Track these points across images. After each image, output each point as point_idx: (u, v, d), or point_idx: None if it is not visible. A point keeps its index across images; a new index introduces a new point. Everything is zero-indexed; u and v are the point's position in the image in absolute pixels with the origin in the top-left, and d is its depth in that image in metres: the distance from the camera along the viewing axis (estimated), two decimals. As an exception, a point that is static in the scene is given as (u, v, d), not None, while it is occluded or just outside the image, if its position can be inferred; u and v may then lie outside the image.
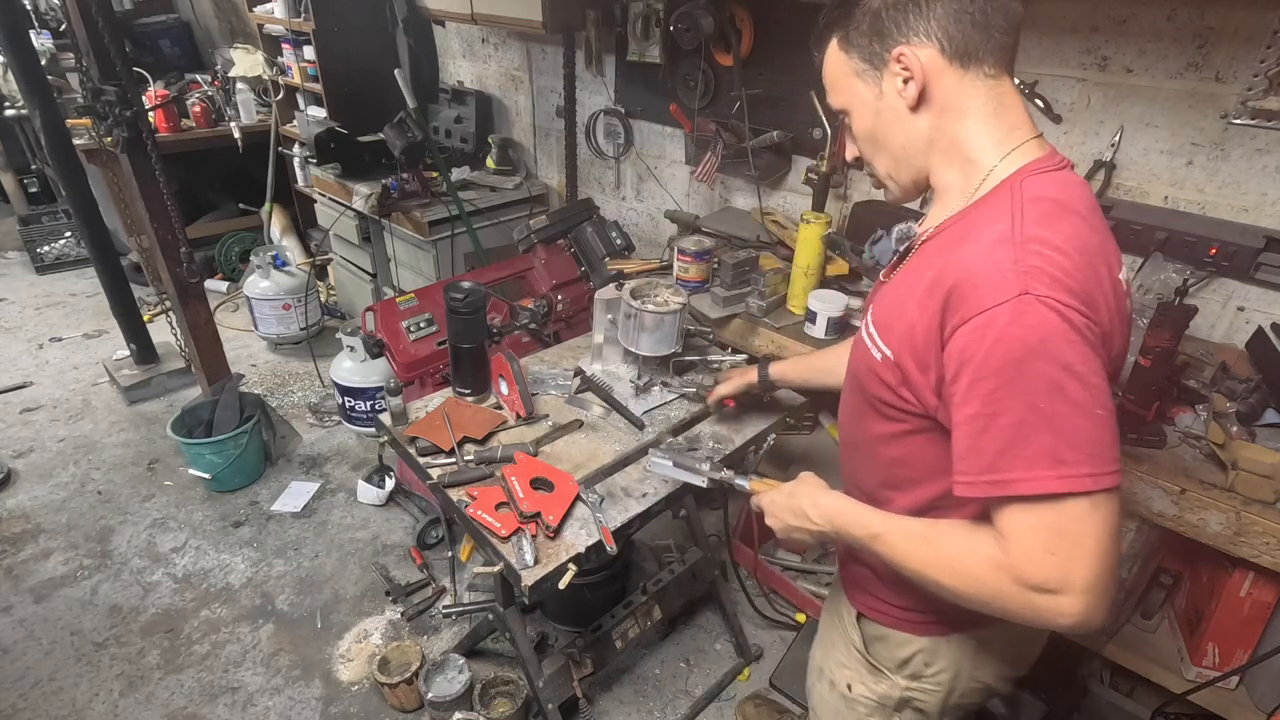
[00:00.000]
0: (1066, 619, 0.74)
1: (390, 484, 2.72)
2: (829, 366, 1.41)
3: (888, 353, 0.89)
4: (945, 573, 0.83)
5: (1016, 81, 0.90)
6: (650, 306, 1.66)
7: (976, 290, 0.75)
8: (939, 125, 0.88)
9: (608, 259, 2.51)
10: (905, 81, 0.87)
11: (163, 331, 3.34)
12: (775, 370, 1.52)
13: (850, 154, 1.01)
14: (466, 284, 1.67)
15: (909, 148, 0.91)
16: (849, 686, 1.16)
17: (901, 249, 0.98)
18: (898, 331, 0.87)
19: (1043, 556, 0.74)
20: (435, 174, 3.16)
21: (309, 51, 3.64)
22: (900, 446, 0.95)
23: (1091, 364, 0.72)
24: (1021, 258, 0.74)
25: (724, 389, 1.60)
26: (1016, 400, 0.73)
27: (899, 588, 1.04)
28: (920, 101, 0.87)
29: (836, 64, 0.93)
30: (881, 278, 1.05)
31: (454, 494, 1.43)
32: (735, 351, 1.88)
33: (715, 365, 1.82)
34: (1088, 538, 0.73)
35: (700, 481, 1.26)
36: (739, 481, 1.20)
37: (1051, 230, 0.77)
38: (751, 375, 1.55)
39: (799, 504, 1.02)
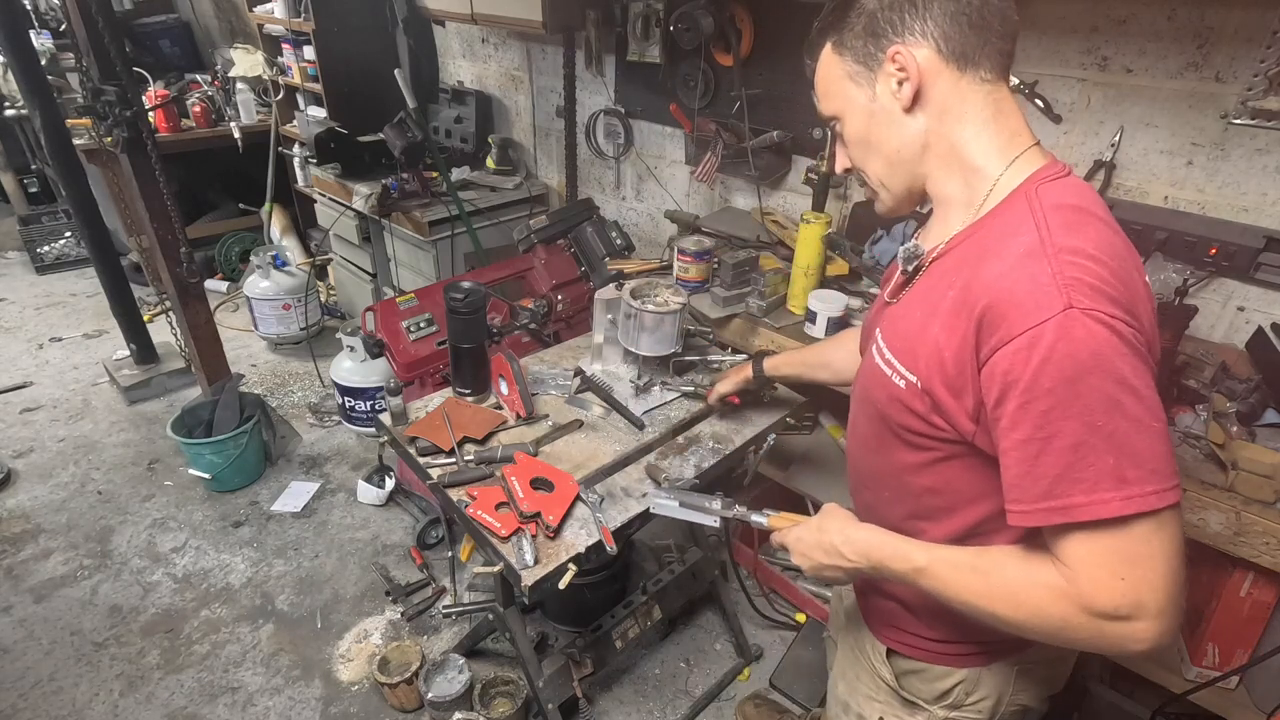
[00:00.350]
0: (1139, 645, 0.72)
1: (390, 484, 2.72)
2: (823, 361, 1.41)
3: (913, 379, 0.85)
4: (1004, 605, 0.79)
5: (1015, 81, 0.90)
6: (650, 306, 1.66)
7: (1017, 308, 0.72)
8: (935, 129, 0.86)
9: (608, 259, 2.51)
10: (900, 83, 0.84)
11: (163, 331, 3.34)
12: (769, 365, 1.52)
13: (841, 165, 0.98)
14: (466, 284, 1.67)
15: (903, 151, 0.88)
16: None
17: (910, 269, 0.93)
18: (923, 356, 0.83)
19: (1112, 583, 0.71)
20: (435, 174, 3.16)
21: (309, 51, 3.64)
22: (932, 475, 0.90)
23: (1144, 376, 0.70)
24: (1059, 270, 0.71)
25: (723, 386, 1.60)
26: (1072, 420, 0.69)
27: (933, 620, 1.00)
28: (915, 103, 0.85)
29: (829, 68, 0.91)
30: (887, 298, 1.00)
31: (454, 494, 1.43)
32: (735, 351, 1.88)
33: (715, 365, 1.82)
34: (1156, 559, 0.71)
35: (711, 521, 1.19)
36: (755, 518, 1.12)
37: (1081, 238, 0.73)
38: (747, 371, 1.55)
39: (829, 540, 0.95)
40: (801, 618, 2.23)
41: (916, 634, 1.03)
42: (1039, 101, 1.84)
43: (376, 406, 2.93)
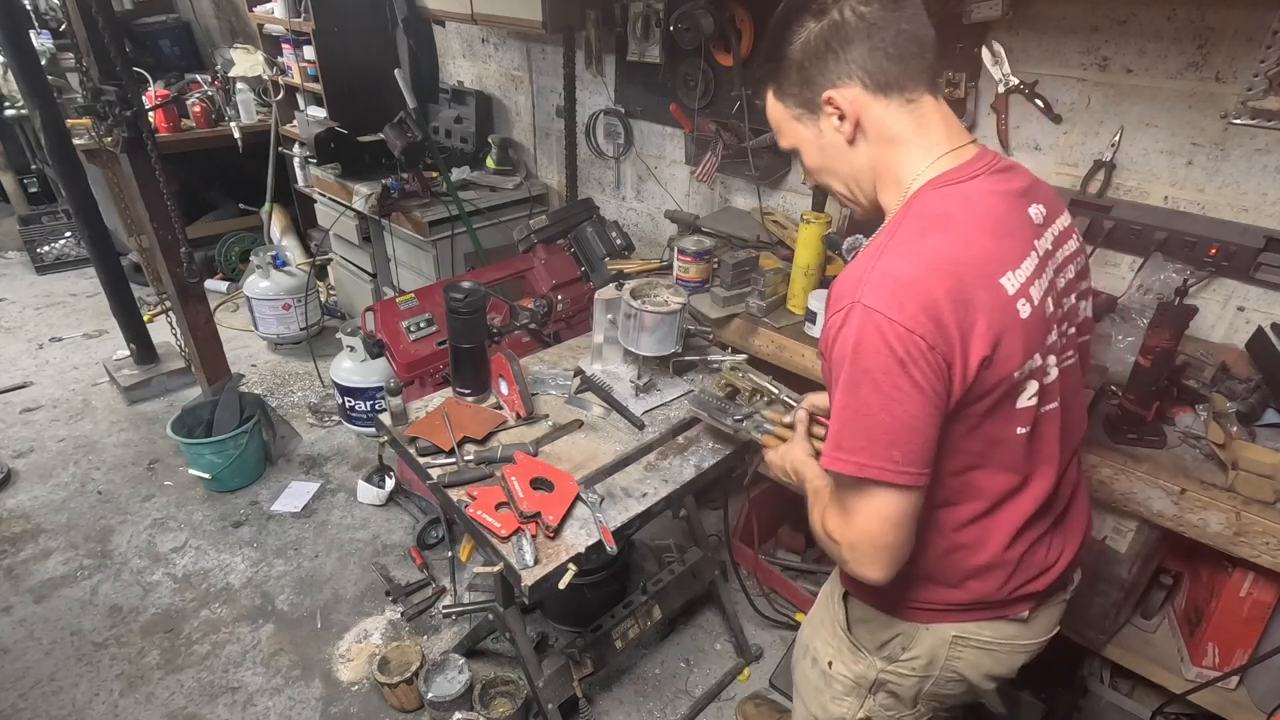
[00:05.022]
0: (855, 571, 0.96)
1: (390, 484, 2.72)
2: None
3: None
4: (815, 512, 1.04)
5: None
6: (650, 306, 1.66)
7: (836, 295, 0.90)
8: (874, 153, 0.98)
9: (608, 259, 2.51)
10: (840, 119, 0.96)
11: (163, 331, 3.34)
12: None
13: (811, 182, 1.12)
14: (466, 284, 1.67)
15: (857, 174, 1.01)
16: (830, 664, 1.24)
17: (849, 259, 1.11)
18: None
19: (838, 519, 0.96)
20: (435, 174, 3.16)
21: (309, 51, 3.63)
22: None
23: (892, 373, 0.84)
24: (869, 271, 0.86)
25: (820, 401, 1.32)
26: (838, 388, 0.89)
27: None
28: (856, 134, 0.97)
29: (776, 112, 1.04)
30: None
31: (454, 494, 1.43)
32: (735, 351, 1.88)
33: (715, 365, 1.82)
34: (865, 517, 0.91)
35: (726, 429, 1.47)
36: (755, 435, 1.40)
37: (914, 245, 0.87)
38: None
39: (786, 463, 1.23)
40: (801, 618, 2.23)
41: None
42: (1039, 101, 1.84)
43: (376, 406, 2.93)
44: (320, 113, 3.74)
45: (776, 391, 1.74)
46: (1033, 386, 0.94)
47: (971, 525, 1.03)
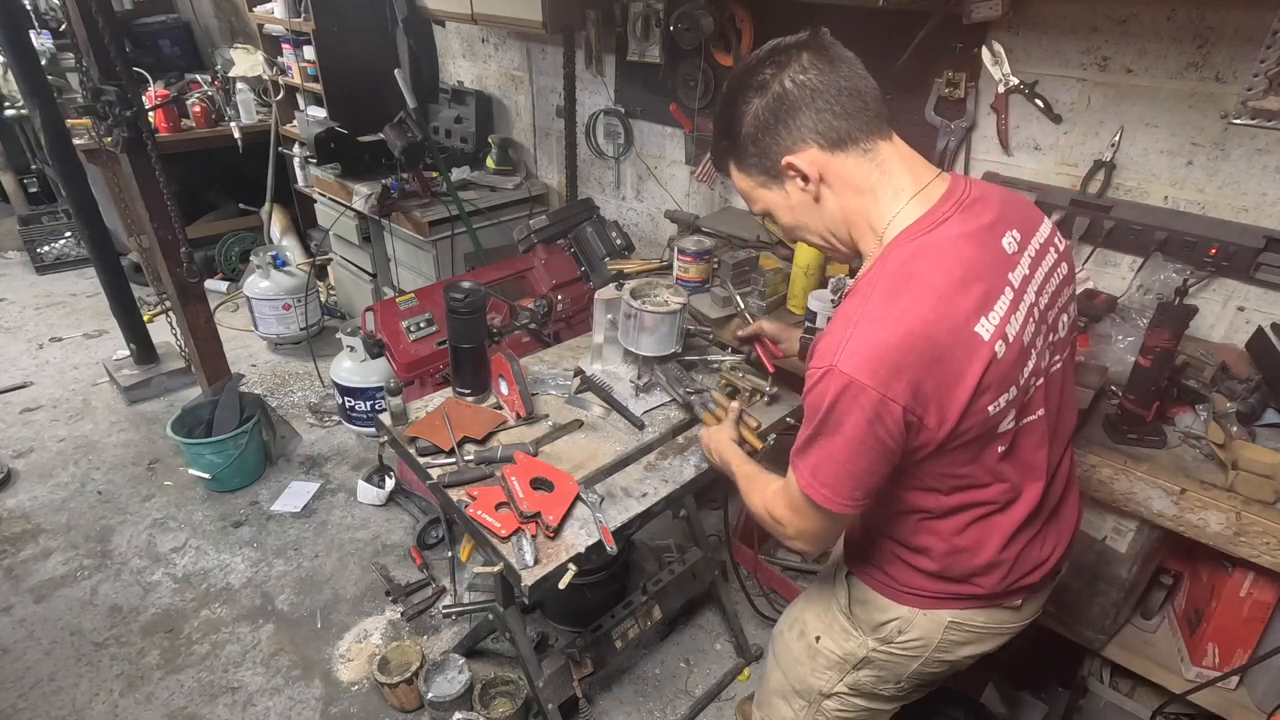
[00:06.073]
0: (786, 542, 1.15)
1: (390, 484, 2.72)
2: None
3: None
4: (753, 494, 1.19)
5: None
6: (650, 306, 1.66)
7: (817, 351, 0.96)
8: (843, 204, 1.01)
9: (608, 259, 2.51)
10: (804, 180, 1.00)
11: (163, 331, 3.34)
12: None
13: (790, 239, 1.22)
14: (466, 284, 1.67)
15: (831, 226, 1.05)
16: (817, 638, 1.29)
17: (836, 299, 1.21)
18: None
19: (784, 508, 1.09)
20: (435, 174, 3.16)
21: (309, 51, 3.63)
22: None
23: (860, 432, 0.92)
24: (847, 337, 0.91)
25: (769, 328, 1.67)
26: (815, 434, 0.98)
27: (893, 559, 1.17)
28: (821, 190, 1.01)
29: (743, 183, 1.09)
30: None
31: (454, 494, 1.43)
32: (735, 351, 1.88)
33: (715, 365, 1.82)
34: (809, 520, 1.05)
35: (678, 398, 1.68)
36: (699, 410, 1.61)
37: (889, 309, 0.91)
38: (794, 337, 1.62)
39: (713, 445, 1.42)
40: (801, 618, 2.23)
41: (877, 565, 1.20)
42: (1039, 101, 1.84)
43: (376, 406, 2.93)
44: (320, 113, 3.74)
45: (775, 391, 1.75)
46: (1012, 412, 0.99)
47: (970, 529, 1.08)
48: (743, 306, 1.87)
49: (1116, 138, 1.77)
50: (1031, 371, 1.00)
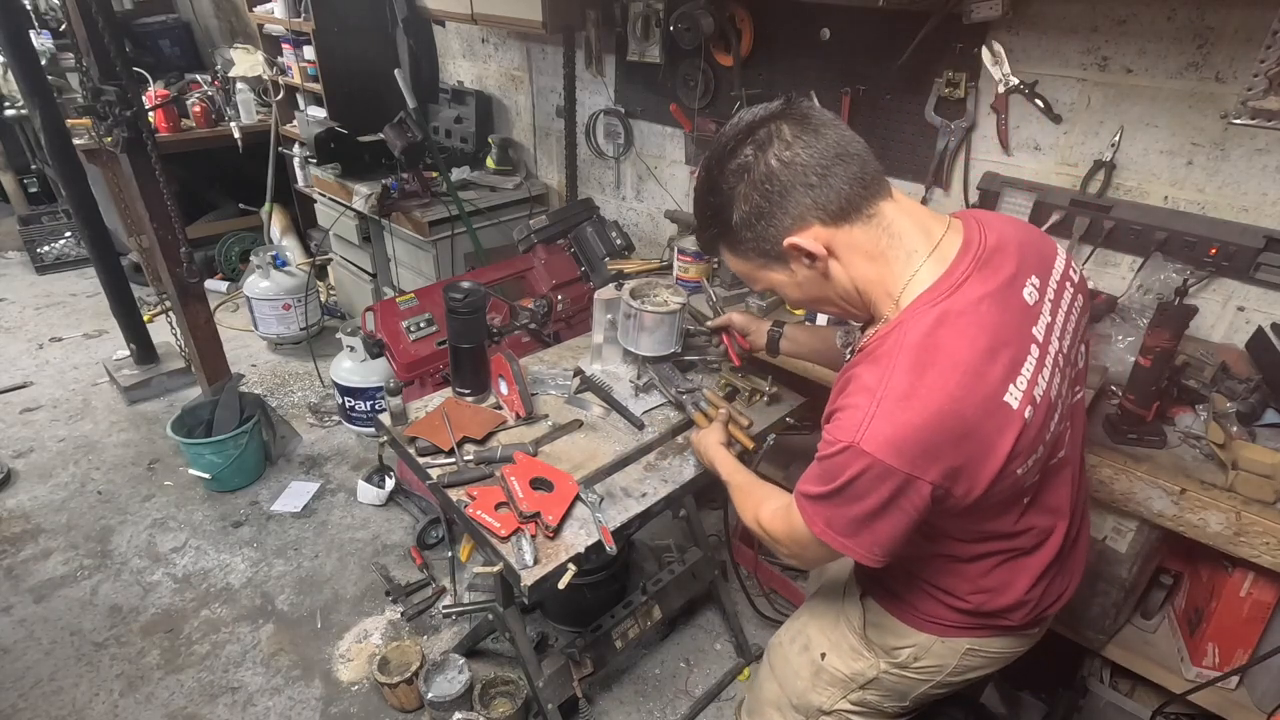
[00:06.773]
0: (779, 556, 1.23)
1: (390, 484, 2.72)
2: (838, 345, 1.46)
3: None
4: (745, 508, 1.18)
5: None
6: (650, 306, 1.66)
7: (838, 422, 0.91)
8: (856, 274, 0.95)
9: (608, 259, 2.51)
10: (810, 258, 0.94)
11: (163, 331, 3.34)
12: (787, 340, 1.58)
13: (804, 310, 1.20)
14: (466, 284, 1.67)
15: (844, 295, 0.99)
16: (823, 655, 1.27)
17: (849, 353, 1.16)
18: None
19: (784, 530, 1.05)
20: (435, 174, 3.16)
21: (309, 51, 3.63)
22: None
23: (884, 503, 0.88)
24: (870, 415, 0.86)
25: (737, 319, 1.66)
26: (831, 493, 0.92)
27: (912, 586, 1.14)
28: (829, 266, 0.95)
29: (741, 264, 1.02)
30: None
31: (454, 494, 1.43)
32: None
33: (714, 365, 1.82)
34: (811, 551, 1.02)
35: (670, 397, 1.69)
36: (691, 410, 1.61)
37: (916, 386, 0.85)
38: (762, 329, 1.61)
39: (702, 450, 1.42)
40: (801, 618, 2.23)
41: (896, 592, 1.17)
42: (1039, 101, 1.84)
43: (376, 406, 2.93)
44: (320, 113, 3.74)
45: (775, 392, 1.74)
46: (1039, 466, 0.97)
47: (996, 571, 1.08)
48: (715, 299, 1.86)
49: (1116, 138, 1.77)
50: (1059, 419, 0.97)
